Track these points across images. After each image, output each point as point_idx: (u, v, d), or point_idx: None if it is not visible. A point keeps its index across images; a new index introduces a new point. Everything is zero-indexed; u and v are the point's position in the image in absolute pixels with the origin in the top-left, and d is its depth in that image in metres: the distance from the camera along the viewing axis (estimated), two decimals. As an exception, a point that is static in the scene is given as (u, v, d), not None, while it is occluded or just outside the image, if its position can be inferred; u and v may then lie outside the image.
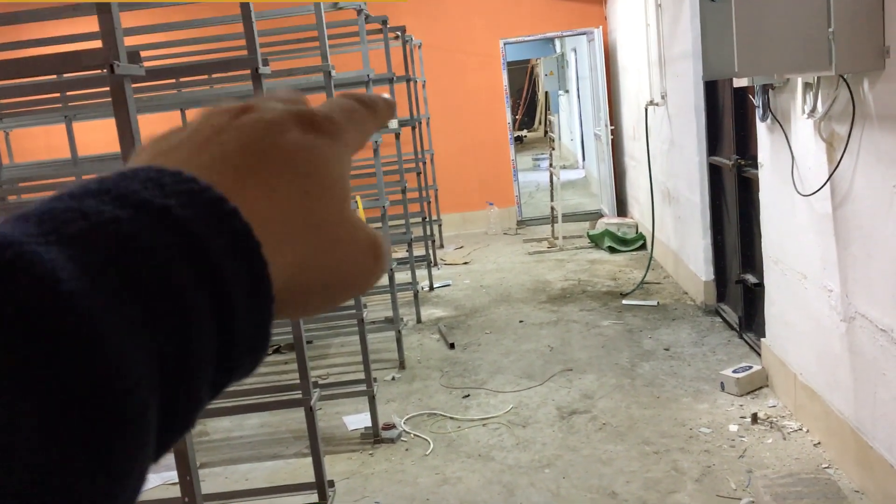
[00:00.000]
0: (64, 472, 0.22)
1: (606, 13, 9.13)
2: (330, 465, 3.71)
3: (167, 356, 0.25)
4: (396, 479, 3.60)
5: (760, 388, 4.09)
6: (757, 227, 4.29)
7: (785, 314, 3.86)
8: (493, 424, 4.06)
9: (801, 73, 3.09)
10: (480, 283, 7.04)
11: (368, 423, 4.06)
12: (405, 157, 6.79)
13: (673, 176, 6.13)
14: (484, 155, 9.47)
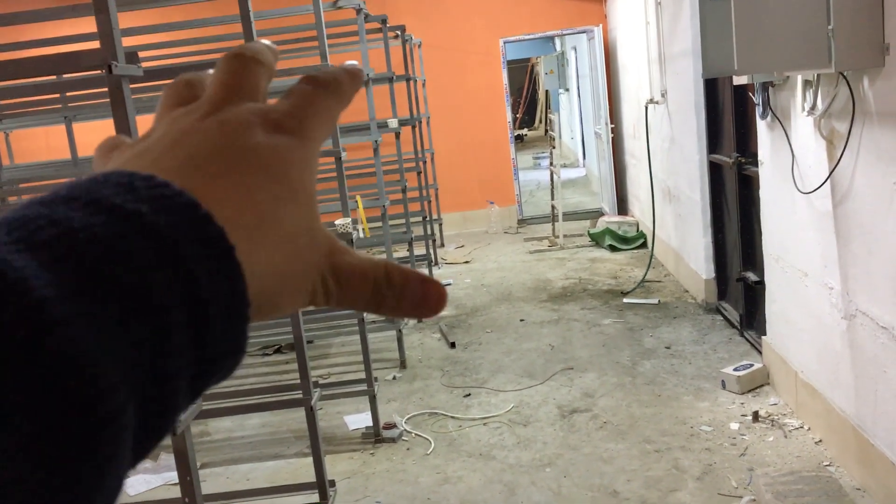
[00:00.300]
0: (38, 476, 0.22)
1: (606, 11, 9.12)
2: (331, 464, 3.71)
3: (143, 361, 0.25)
4: (397, 478, 3.60)
5: (761, 385, 4.08)
6: (757, 224, 4.28)
7: (786, 312, 3.86)
8: (494, 423, 4.06)
9: (800, 70, 3.08)
10: (481, 281, 7.04)
11: (369, 422, 4.06)
12: (405, 156, 6.80)
13: (673, 174, 6.13)
14: (484, 154, 9.46)
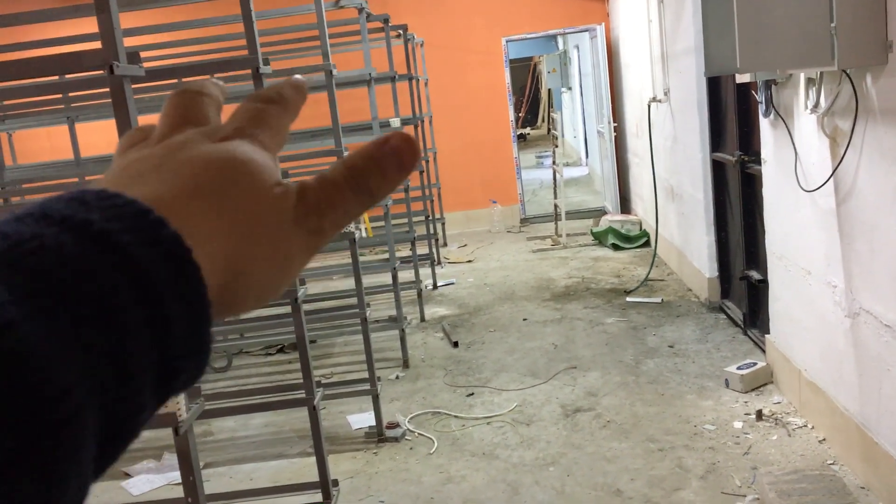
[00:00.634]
0: None
1: (609, 10, 9.11)
2: (334, 464, 3.71)
3: (100, 362, 0.26)
4: (401, 477, 3.60)
5: (765, 384, 4.08)
6: (761, 223, 4.28)
7: (789, 310, 3.85)
8: (497, 423, 4.05)
9: (803, 68, 3.07)
10: (484, 281, 7.04)
11: (372, 422, 4.06)
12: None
13: (676, 172, 6.12)
14: (487, 153, 9.46)
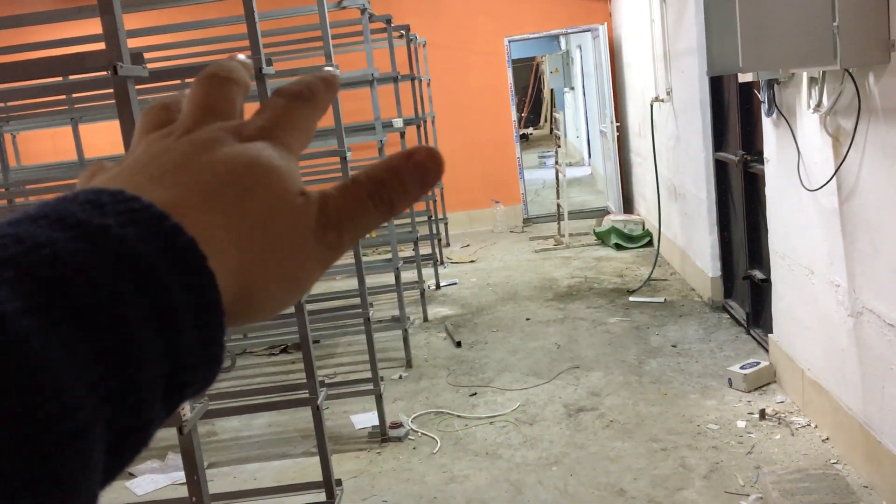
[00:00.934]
0: (4, 495, 0.22)
1: (611, 10, 9.11)
2: (337, 463, 3.71)
3: (111, 374, 0.25)
4: (404, 477, 3.60)
5: (768, 383, 4.08)
6: (763, 222, 4.27)
7: (792, 310, 3.85)
8: (500, 422, 4.06)
9: (805, 67, 3.07)
10: (487, 281, 7.04)
11: (376, 421, 4.06)
12: (410, 155, 6.78)
13: (679, 172, 6.12)
14: (489, 153, 9.46)
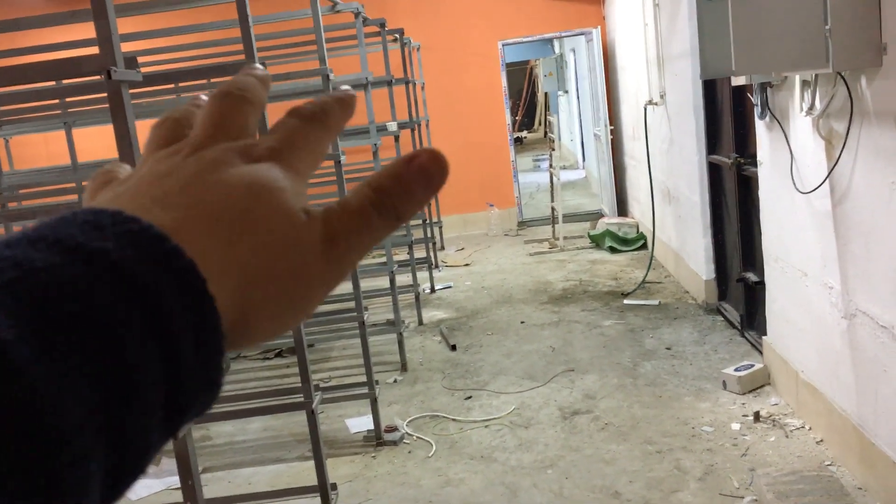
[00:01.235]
0: None
1: (605, 13, 9.13)
2: (332, 468, 3.71)
3: (109, 400, 0.25)
4: (399, 481, 3.60)
5: (762, 386, 4.08)
6: (757, 225, 4.29)
7: (786, 312, 3.86)
8: (495, 426, 4.06)
9: (798, 70, 3.09)
10: (481, 284, 7.04)
11: (371, 425, 4.06)
12: (405, 159, 6.78)
13: (673, 175, 6.13)
14: (484, 156, 9.47)
